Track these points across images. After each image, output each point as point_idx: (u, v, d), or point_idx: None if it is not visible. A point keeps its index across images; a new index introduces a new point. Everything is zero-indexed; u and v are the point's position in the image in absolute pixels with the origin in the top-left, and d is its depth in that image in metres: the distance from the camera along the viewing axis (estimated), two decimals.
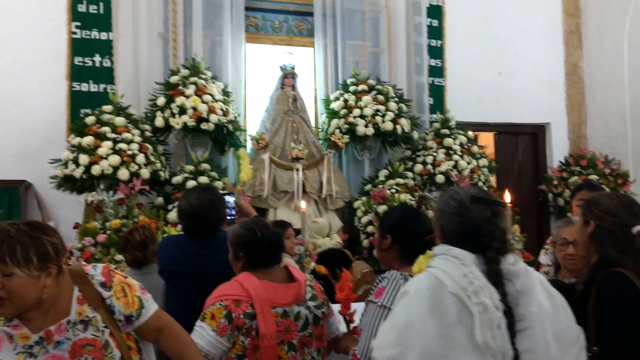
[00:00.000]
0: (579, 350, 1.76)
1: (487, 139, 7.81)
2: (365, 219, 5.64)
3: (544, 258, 3.62)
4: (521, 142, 7.82)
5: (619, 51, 7.26)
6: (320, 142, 6.23)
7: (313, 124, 6.38)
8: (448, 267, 1.71)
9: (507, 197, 3.74)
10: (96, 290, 1.89)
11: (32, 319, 1.79)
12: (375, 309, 2.09)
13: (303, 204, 3.18)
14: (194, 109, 5.27)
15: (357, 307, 2.48)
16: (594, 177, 6.99)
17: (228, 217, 3.08)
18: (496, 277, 1.70)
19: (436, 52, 7.15)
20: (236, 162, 5.28)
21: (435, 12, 7.17)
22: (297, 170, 5.66)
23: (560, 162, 7.54)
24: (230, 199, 3.16)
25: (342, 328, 2.60)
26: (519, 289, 1.71)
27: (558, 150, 7.71)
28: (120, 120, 5.22)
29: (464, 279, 1.65)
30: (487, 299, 1.62)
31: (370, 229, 5.50)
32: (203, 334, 2.20)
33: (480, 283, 1.66)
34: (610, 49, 7.40)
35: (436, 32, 7.16)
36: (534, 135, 7.84)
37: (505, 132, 7.72)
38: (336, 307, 2.59)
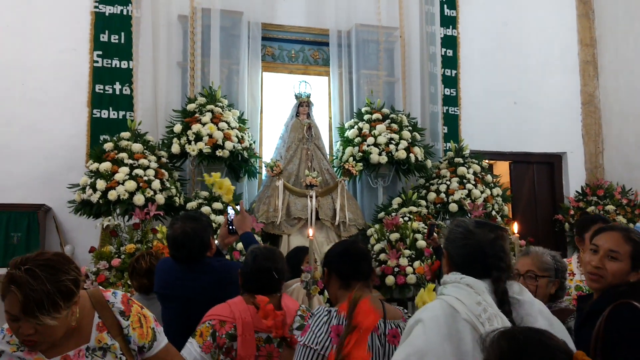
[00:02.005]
0: None
1: (502, 168, 7.79)
2: (378, 247, 5.64)
3: None
4: (537, 171, 7.77)
5: (635, 81, 7.25)
6: (335, 169, 6.29)
7: (327, 151, 6.44)
8: (461, 295, 1.74)
9: (516, 227, 3.74)
10: (115, 317, 1.92)
11: (52, 345, 1.82)
12: (298, 348, 2.12)
13: (310, 232, 3.21)
14: (210, 135, 5.38)
15: None
16: (610, 207, 6.92)
17: (229, 228, 3.23)
18: (503, 296, 1.76)
19: (451, 82, 7.21)
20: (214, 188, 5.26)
21: (450, 42, 7.25)
22: (311, 197, 5.70)
23: (577, 192, 7.46)
24: (230, 211, 3.25)
25: None
26: (522, 317, 1.77)
27: (574, 180, 7.64)
28: (137, 147, 5.34)
29: (477, 307, 1.69)
30: (500, 326, 1.64)
31: (382, 256, 5.50)
32: (191, 349, 2.37)
33: (494, 311, 1.69)
34: (626, 79, 7.38)
35: (451, 62, 7.23)
36: (550, 165, 7.79)
37: (521, 162, 7.68)
38: None
